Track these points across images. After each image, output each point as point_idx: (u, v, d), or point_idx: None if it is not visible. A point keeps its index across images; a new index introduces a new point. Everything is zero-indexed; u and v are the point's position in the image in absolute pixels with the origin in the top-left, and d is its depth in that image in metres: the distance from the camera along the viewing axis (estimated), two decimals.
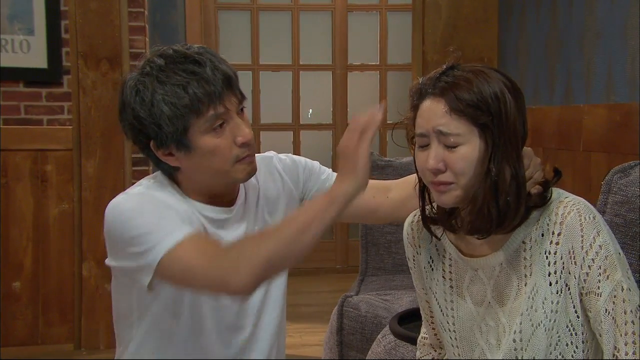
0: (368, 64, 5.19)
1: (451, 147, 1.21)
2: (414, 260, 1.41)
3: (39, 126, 3.40)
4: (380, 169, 2.82)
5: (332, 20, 5.10)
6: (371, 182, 1.66)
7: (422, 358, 1.51)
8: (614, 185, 1.67)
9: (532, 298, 1.23)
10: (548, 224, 1.24)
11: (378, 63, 5.16)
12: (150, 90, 1.39)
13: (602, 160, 2.49)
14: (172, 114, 1.38)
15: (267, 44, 5.06)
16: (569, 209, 1.22)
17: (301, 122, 5.13)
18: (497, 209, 1.21)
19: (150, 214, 1.38)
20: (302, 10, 5.08)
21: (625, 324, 1.18)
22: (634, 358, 1.18)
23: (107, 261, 1.48)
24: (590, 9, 2.67)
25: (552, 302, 1.23)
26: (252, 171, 1.48)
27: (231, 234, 1.49)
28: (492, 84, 1.21)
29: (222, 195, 1.51)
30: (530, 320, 1.23)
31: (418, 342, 1.53)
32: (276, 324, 1.59)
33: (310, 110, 5.19)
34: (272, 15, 5.08)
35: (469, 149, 1.21)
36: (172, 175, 1.49)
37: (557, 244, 1.22)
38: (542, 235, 1.24)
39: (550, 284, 1.23)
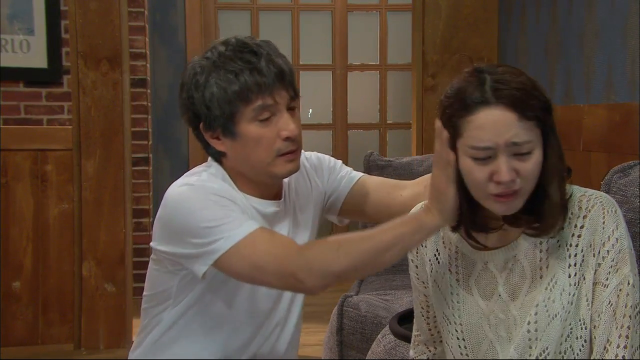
0: (368, 64, 5.18)
1: (524, 154, 1.18)
2: (416, 253, 1.40)
3: (39, 126, 3.41)
4: (380, 169, 2.82)
5: (332, 20, 5.10)
6: (388, 180, 1.72)
7: (417, 358, 1.49)
8: (614, 185, 1.68)
9: (550, 289, 1.24)
10: (570, 218, 1.25)
11: (378, 63, 5.16)
12: (206, 74, 1.45)
13: (602, 160, 2.49)
14: (221, 97, 1.43)
15: None
16: (592, 202, 1.24)
17: (301, 122, 5.13)
18: (565, 205, 1.23)
19: (215, 207, 1.41)
20: (302, 10, 5.08)
21: (623, 317, 1.21)
22: (624, 353, 1.19)
23: (155, 245, 1.51)
24: (590, 9, 2.67)
25: (570, 294, 1.24)
26: (294, 169, 1.51)
27: (282, 230, 1.53)
28: (537, 82, 1.21)
29: (268, 189, 1.54)
30: (547, 311, 1.24)
31: (412, 341, 1.51)
32: (299, 318, 1.66)
33: (311, 110, 5.19)
34: (272, 15, 5.08)
35: (539, 153, 1.20)
36: (220, 161, 1.53)
37: (579, 236, 1.24)
38: (563, 228, 1.25)
39: (569, 276, 1.24)
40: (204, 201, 1.42)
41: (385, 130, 5.13)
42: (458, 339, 1.33)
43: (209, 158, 1.56)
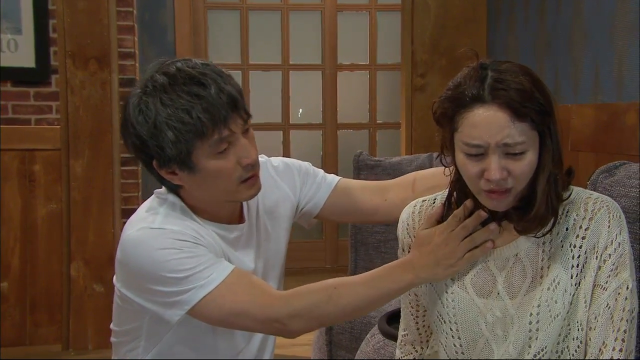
0: (358, 64, 5.19)
1: (517, 154, 1.18)
2: (409, 251, 1.39)
3: (27, 126, 3.38)
4: (370, 169, 2.82)
5: (322, 20, 5.10)
6: (368, 183, 1.69)
7: (404, 358, 1.48)
8: (599, 185, 1.68)
9: (553, 290, 1.24)
10: (575, 219, 1.26)
11: (368, 63, 5.17)
12: (154, 112, 1.35)
13: (590, 160, 2.50)
14: (175, 138, 1.35)
15: (256, 44, 5.05)
16: (599, 205, 1.25)
17: (291, 122, 5.13)
18: (554, 206, 1.24)
19: (180, 255, 1.36)
20: (292, 9, 5.07)
21: (620, 321, 1.22)
22: (619, 356, 1.20)
23: (118, 286, 1.46)
24: (577, 10, 2.69)
25: (570, 295, 1.24)
26: (256, 191, 1.47)
27: (246, 256, 1.50)
28: (541, 82, 1.20)
29: (228, 213, 1.50)
30: (550, 311, 1.24)
31: (398, 341, 1.50)
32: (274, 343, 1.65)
33: (301, 110, 5.18)
34: (261, 15, 5.07)
35: (533, 154, 1.19)
36: (177, 192, 1.47)
37: (583, 238, 1.25)
38: (567, 229, 1.26)
39: (572, 277, 1.25)
40: (168, 249, 1.36)
41: (375, 130, 5.13)
42: (453, 337, 1.32)
43: (163, 187, 1.49)
